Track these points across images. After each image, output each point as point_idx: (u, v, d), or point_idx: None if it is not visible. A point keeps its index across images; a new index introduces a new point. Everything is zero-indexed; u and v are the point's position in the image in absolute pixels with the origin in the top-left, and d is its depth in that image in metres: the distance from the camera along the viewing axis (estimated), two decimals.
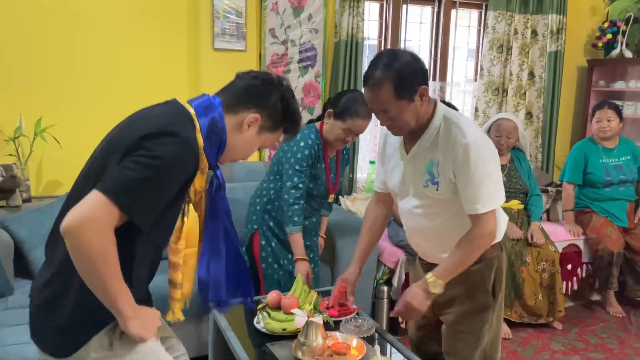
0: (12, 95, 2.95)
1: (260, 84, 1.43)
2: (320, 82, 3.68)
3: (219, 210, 1.49)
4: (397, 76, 1.57)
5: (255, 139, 1.45)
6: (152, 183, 1.21)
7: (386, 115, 1.64)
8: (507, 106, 4.21)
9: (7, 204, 2.74)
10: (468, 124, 1.65)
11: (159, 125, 1.25)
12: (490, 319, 1.81)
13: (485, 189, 1.60)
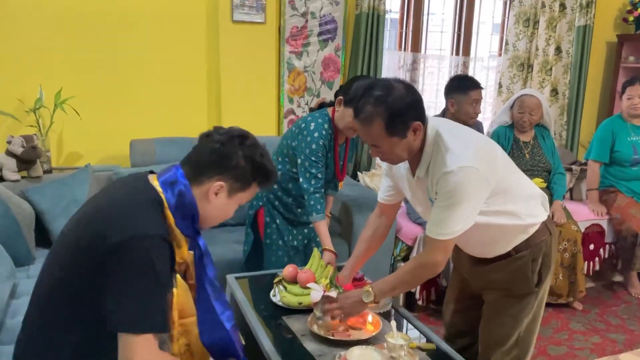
0: (33, 67, 2.96)
1: (219, 148, 1.39)
2: (340, 56, 3.62)
3: (203, 279, 1.46)
4: (389, 112, 1.49)
5: (227, 203, 1.42)
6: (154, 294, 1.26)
7: (376, 150, 1.59)
8: (532, 82, 4.11)
9: (28, 174, 2.77)
10: (456, 149, 1.53)
11: (128, 233, 1.24)
12: (531, 303, 1.75)
13: (450, 218, 1.52)
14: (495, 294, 1.79)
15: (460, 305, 1.97)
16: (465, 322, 1.96)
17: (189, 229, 1.40)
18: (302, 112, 3.60)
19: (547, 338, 2.88)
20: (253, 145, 1.42)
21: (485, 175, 1.52)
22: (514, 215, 1.66)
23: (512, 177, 1.69)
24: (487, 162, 1.56)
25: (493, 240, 1.71)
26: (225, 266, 2.69)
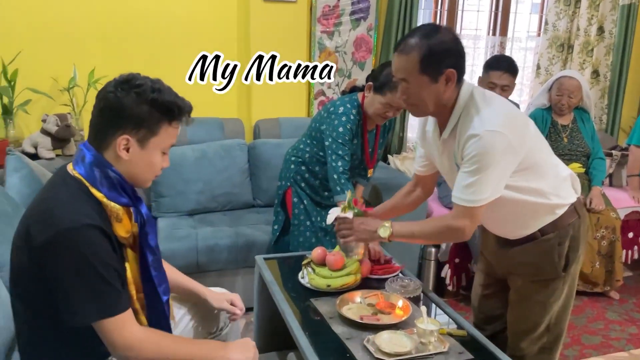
0: (67, 46, 2.99)
1: (106, 103, 1.29)
2: (372, 36, 3.55)
3: (143, 247, 1.40)
4: (428, 49, 1.48)
5: (144, 153, 1.32)
6: (101, 279, 1.24)
7: (403, 87, 1.55)
8: (572, 63, 3.96)
9: (62, 152, 2.82)
10: (485, 113, 1.49)
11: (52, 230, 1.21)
12: (559, 288, 1.70)
13: (477, 183, 1.49)
14: (522, 279, 1.74)
15: (488, 290, 1.94)
16: (494, 308, 1.93)
17: (122, 197, 1.33)
18: (332, 93, 3.56)
19: (581, 327, 2.81)
20: (140, 85, 1.29)
21: (513, 142, 1.48)
22: (541, 194, 1.61)
23: (542, 154, 1.63)
24: (517, 131, 1.51)
25: (518, 218, 1.66)
26: (253, 247, 2.70)
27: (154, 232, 1.44)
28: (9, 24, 2.87)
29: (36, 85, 2.89)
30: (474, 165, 1.48)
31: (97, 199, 1.29)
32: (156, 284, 1.43)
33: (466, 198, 1.52)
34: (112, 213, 1.31)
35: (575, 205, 1.68)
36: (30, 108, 2.88)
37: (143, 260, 1.40)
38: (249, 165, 3.17)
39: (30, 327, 1.33)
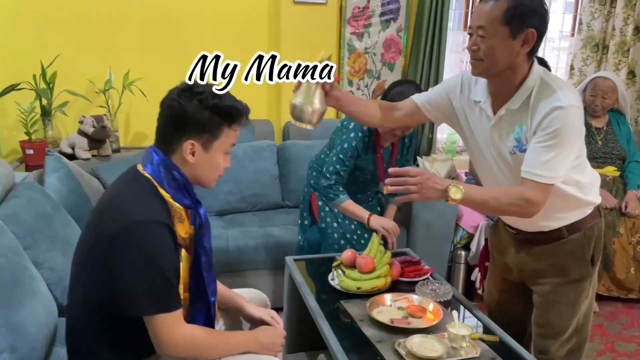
0: (103, 49, 3.07)
1: (170, 111, 1.38)
2: (402, 37, 3.54)
3: (198, 248, 1.46)
4: (516, 3, 1.44)
5: (209, 156, 1.41)
6: (161, 276, 1.30)
7: (479, 35, 1.48)
8: (607, 64, 3.87)
9: (98, 153, 2.89)
10: (567, 89, 1.48)
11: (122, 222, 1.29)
12: (587, 288, 1.71)
13: (556, 159, 1.45)
14: (549, 283, 1.71)
15: (505, 295, 1.92)
16: (513, 312, 1.91)
17: (187, 199, 1.41)
18: (361, 94, 3.56)
19: (615, 334, 2.75)
20: (201, 92, 1.37)
21: (582, 123, 1.52)
22: (579, 187, 1.60)
23: (585, 150, 1.64)
24: (580, 118, 1.51)
25: (550, 209, 1.59)
26: (282, 248, 2.72)
27: (209, 234, 1.51)
28: (47, 28, 2.96)
29: (73, 87, 2.96)
30: (554, 140, 1.44)
31: (164, 198, 1.37)
32: (206, 284, 1.48)
33: (544, 174, 1.46)
34: (175, 213, 1.38)
35: (598, 206, 1.70)
36: (68, 109, 2.96)
37: (196, 261, 1.47)
38: (278, 166, 3.20)
39: (85, 316, 1.39)
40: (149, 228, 1.29)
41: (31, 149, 2.82)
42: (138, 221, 1.28)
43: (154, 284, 1.30)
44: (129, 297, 1.29)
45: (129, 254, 1.28)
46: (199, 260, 1.47)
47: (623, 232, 2.96)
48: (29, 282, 1.59)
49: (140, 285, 1.29)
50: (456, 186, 1.47)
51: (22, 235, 1.78)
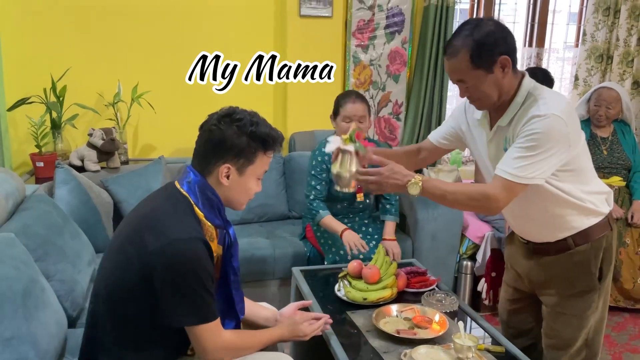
0: (112, 63, 3.11)
1: (210, 135, 1.43)
2: (407, 49, 3.57)
3: (227, 268, 1.53)
4: (476, 44, 1.49)
5: (242, 180, 1.47)
6: (203, 288, 1.37)
7: (463, 86, 1.57)
8: (611, 75, 3.88)
9: (107, 165, 2.92)
10: (551, 99, 1.51)
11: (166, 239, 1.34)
12: (595, 300, 1.70)
13: (528, 161, 1.47)
14: (557, 295, 1.72)
15: (517, 304, 1.91)
16: (524, 322, 1.91)
17: (218, 219, 1.48)
18: None
19: (622, 345, 2.74)
20: (240, 119, 1.43)
21: (570, 135, 1.49)
22: (579, 197, 1.61)
23: (589, 163, 1.66)
24: (576, 128, 1.53)
25: (553, 218, 1.63)
26: (289, 258, 2.74)
27: (237, 254, 1.57)
28: (58, 42, 3.01)
29: (83, 101, 3.01)
30: (530, 143, 1.47)
31: (199, 217, 1.43)
32: (235, 302, 1.54)
33: (512, 172, 1.49)
34: (207, 232, 1.43)
35: (608, 217, 1.69)
36: (77, 122, 3.00)
37: (225, 280, 1.53)
38: (284, 177, 3.22)
39: (115, 322, 1.42)
40: (189, 244, 1.35)
41: (41, 162, 2.86)
42: (180, 239, 1.34)
43: (196, 297, 1.36)
44: (171, 310, 1.36)
45: (171, 269, 1.34)
46: (228, 279, 1.53)
47: (629, 242, 2.95)
48: (40, 294, 1.61)
49: (183, 299, 1.35)
50: (414, 182, 1.56)
51: (33, 247, 1.81)
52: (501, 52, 1.51)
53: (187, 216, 1.41)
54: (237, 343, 1.47)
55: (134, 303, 1.40)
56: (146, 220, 1.41)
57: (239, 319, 1.58)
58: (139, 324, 1.41)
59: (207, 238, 1.42)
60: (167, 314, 1.36)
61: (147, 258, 1.34)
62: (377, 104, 3.62)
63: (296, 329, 1.60)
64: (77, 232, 2.22)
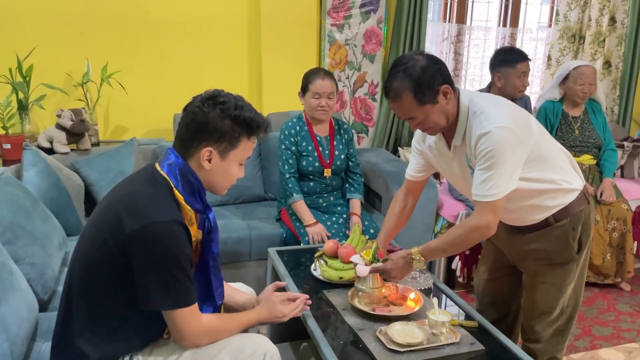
0: (80, 42, 3.02)
1: (193, 117, 1.41)
2: (382, 28, 3.55)
3: (206, 253, 1.51)
4: (415, 83, 1.55)
5: (224, 164, 1.45)
6: (181, 272, 1.35)
7: (414, 122, 1.63)
8: (583, 54, 3.93)
9: (77, 147, 2.85)
10: (489, 111, 1.57)
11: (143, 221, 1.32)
12: (573, 271, 1.77)
13: (493, 178, 1.54)
14: (536, 264, 1.80)
15: (494, 274, 1.99)
16: (501, 292, 1.99)
17: (198, 203, 1.46)
18: (342, 86, 3.57)
19: (592, 318, 2.82)
20: (224, 102, 1.41)
21: (520, 136, 1.55)
22: (552, 182, 1.68)
23: (546, 144, 1.69)
24: (522, 126, 1.58)
25: (532, 206, 1.70)
26: (265, 240, 2.73)
27: (217, 239, 1.54)
28: (23, 20, 2.91)
29: (50, 81, 2.92)
30: (488, 162, 1.54)
31: (178, 200, 1.41)
32: (214, 288, 1.53)
33: (485, 193, 1.56)
34: (186, 215, 1.41)
35: (584, 192, 1.75)
36: (45, 103, 2.92)
37: (204, 266, 1.51)
38: (260, 158, 3.20)
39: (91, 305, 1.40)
40: (168, 227, 1.33)
41: (8, 144, 2.78)
42: (158, 222, 1.32)
43: (174, 280, 1.34)
44: (149, 293, 1.34)
45: (149, 252, 1.32)
46: (207, 264, 1.51)
47: (599, 219, 3.02)
48: (9, 278, 1.58)
49: (161, 282, 1.33)
50: (415, 258, 1.71)
51: (1, 230, 1.77)
52: (439, 82, 1.57)
53: (167, 199, 1.39)
54: (215, 326, 1.45)
55: (109, 286, 1.38)
56: (124, 201, 1.38)
57: (218, 305, 1.56)
58: (114, 307, 1.40)
59: (187, 222, 1.40)
60: (144, 298, 1.35)
61: (125, 240, 1.32)
62: (353, 84, 3.60)
63: (274, 311, 1.59)
64: (47, 216, 2.17)
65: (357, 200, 2.79)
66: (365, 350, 1.52)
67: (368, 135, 3.73)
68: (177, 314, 1.37)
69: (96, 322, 1.40)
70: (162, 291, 1.34)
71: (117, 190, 1.47)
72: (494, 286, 1.99)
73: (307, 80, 2.63)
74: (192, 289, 1.39)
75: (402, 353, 1.50)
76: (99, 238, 1.37)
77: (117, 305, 1.40)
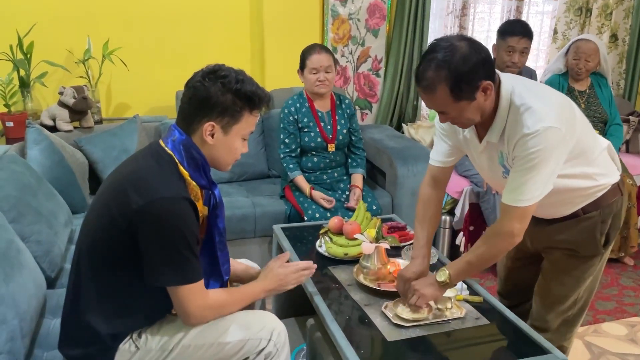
0: (81, 18, 2.99)
1: (194, 92, 1.40)
2: (386, 2, 3.49)
3: (212, 229, 1.51)
4: (454, 77, 1.36)
5: (227, 139, 1.44)
6: (187, 249, 1.35)
7: (445, 116, 1.48)
8: (590, 28, 3.87)
9: (80, 125, 2.84)
10: (537, 108, 1.40)
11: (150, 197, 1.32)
12: (596, 264, 1.68)
13: (527, 182, 1.41)
14: (559, 253, 1.69)
15: (518, 263, 1.89)
16: (524, 279, 1.88)
17: (203, 179, 1.46)
18: (345, 61, 3.53)
19: (595, 293, 2.80)
20: (225, 76, 1.40)
21: (566, 136, 1.40)
22: (589, 177, 1.56)
23: (589, 138, 1.56)
24: (568, 122, 1.43)
25: (565, 201, 1.60)
26: (270, 216, 2.74)
27: (222, 214, 1.55)
28: None
29: (52, 58, 2.90)
30: (529, 163, 1.40)
31: (184, 176, 1.41)
32: (220, 263, 1.53)
33: (518, 198, 1.43)
34: (192, 191, 1.41)
35: (618, 183, 1.63)
36: (47, 80, 2.90)
37: (210, 241, 1.51)
38: (263, 135, 3.18)
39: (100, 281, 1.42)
40: (174, 203, 1.33)
41: (11, 122, 2.77)
42: (164, 197, 1.32)
43: (180, 257, 1.34)
44: (155, 269, 1.35)
45: (156, 228, 1.32)
46: (213, 240, 1.51)
47: None
48: (16, 255, 1.59)
49: (167, 258, 1.34)
50: (441, 273, 1.54)
51: (7, 208, 1.77)
52: (481, 77, 1.39)
53: (172, 175, 1.39)
54: (222, 301, 1.46)
55: (117, 262, 1.39)
56: (130, 178, 1.38)
57: (224, 280, 1.57)
58: (122, 283, 1.41)
59: (192, 198, 1.40)
60: (150, 273, 1.35)
61: (131, 216, 1.32)
62: (356, 59, 3.56)
63: (280, 280, 1.59)
64: (52, 193, 2.18)
65: (360, 175, 2.81)
66: (371, 326, 1.54)
67: (372, 111, 3.70)
68: (183, 290, 1.37)
69: (105, 298, 1.42)
70: (167, 267, 1.34)
71: (123, 167, 1.47)
72: (517, 274, 1.90)
73: (304, 56, 2.66)
74: (198, 266, 1.40)
75: (407, 328, 1.51)
76: (106, 215, 1.38)
77: (124, 281, 1.41)
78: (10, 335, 1.38)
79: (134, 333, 1.45)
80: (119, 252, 1.37)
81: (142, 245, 1.34)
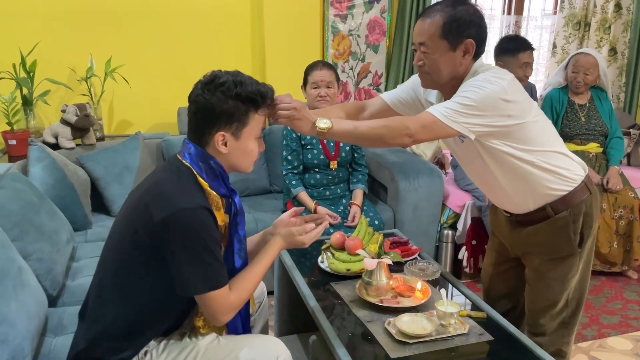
0: (83, 36, 3.02)
1: (197, 107, 1.41)
2: (386, 18, 3.53)
3: (233, 235, 1.52)
4: (452, 15, 1.52)
5: (240, 143, 1.45)
6: (211, 256, 1.36)
7: (421, 51, 1.57)
8: (588, 42, 3.90)
9: (82, 142, 2.85)
10: (495, 69, 1.55)
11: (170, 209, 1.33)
12: (576, 264, 1.73)
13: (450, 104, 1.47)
14: (538, 258, 1.76)
15: (501, 268, 1.95)
16: (504, 286, 1.94)
17: (223, 187, 1.47)
18: (346, 77, 3.55)
19: (600, 307, 2.82)
20: (223, 84, 1.40)
21: (509, 97, 1.48)
22: (551, 171, 1.63)
23: (548, 134, 1.65)
24: (519, 100, 1.52)
25: (532, 192, 1.65)
26: None
27: (243, 222, 1.56)
28: (26, 16, 2.90)
29: (54, 76, 2.92)
30: (463, 93, 1.48)
31: (203, 187, 1.42)
32: (237, 267, 1.53)
33: (436, 108, 1.49)
34: (212, 201, 1.42)
35: (585, 182, 1.70)
36: (50, 98, 2.92)
37: (230, 249, 1.52)
38: (265, 151, 3.19)
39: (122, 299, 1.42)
40: (195, 213, 1.34)
41: (14, 140, 2.78)
42: (185, 208, 1.33)
43: (205, 265, 1.35)
44: (182, 279, 1.35)
45: (178, 238, 1.33)
46: (233, 248, 1.52)
47: (606, 208, 3.01)
48: (18, 274, 1.58)
49: (192, 268, 1.35)
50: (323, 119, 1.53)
51: (9, 226, 1.77)
52: (470, 34, 1.53)
53: (192, 186, 1.40)
54: (243, 294, 1.45)
55: (141, 274, 1.39)
56: (150, 192, 1.39)
57: None
58: (145, 294, 1.41)
59: (214, 207, 1.41)
60: (180, 285, 1.36)
61: (153, 228, 1.33)
62: (357, 75, 3.59)
63: (294, 240, 1.58)
64: (54, 211, 2.18)
65: (360, 191, 2.81)
66: (373, 342, 1.52)
67: None
68: (210, 297, 1.37)
69: (128, 311, 1.42)
70: (193, 276, 1.35)
71: (143, 183, 1.49)
72: (501, 280, 1.95)
73: (307, 72, 2.70)
74: (223, 270, 1.41)
75: (410, 344, 1.50)
76: (129, 231, 1.39)
77: (148, 294, 1.41)
78: (12, 355, 1.38)
79: (140, 352, 1.45)
80: (142, 264, 1.38)
81: (166, 256, 1.35)
